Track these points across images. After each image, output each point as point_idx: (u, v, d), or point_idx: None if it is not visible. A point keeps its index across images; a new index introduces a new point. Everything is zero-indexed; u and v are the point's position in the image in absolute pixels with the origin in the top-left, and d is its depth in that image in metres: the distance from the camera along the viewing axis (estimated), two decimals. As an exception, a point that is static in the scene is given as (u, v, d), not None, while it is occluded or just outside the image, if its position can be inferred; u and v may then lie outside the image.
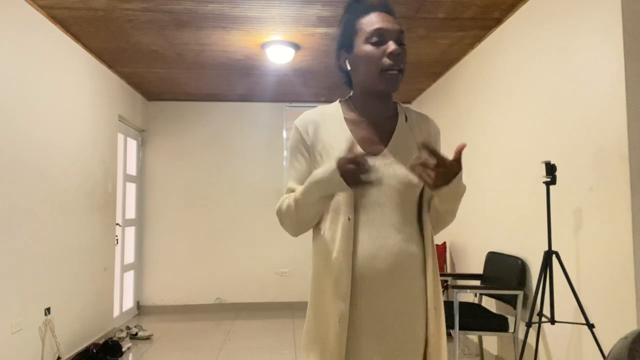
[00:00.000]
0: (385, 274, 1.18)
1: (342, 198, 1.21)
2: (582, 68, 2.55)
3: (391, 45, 1.19)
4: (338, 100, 1.35)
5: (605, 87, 2.36)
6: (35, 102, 3.18)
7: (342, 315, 1.16)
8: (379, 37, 1.20)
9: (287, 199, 1.26)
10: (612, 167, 2.31)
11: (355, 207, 1.21)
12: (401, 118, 1.31)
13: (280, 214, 1.29)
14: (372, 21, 1.22)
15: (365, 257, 1.18)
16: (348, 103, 1.33)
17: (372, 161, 1.23)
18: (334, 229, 1.21)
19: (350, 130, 1.27)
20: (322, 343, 1.20)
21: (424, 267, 1.23)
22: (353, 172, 1.08)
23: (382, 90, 1.23)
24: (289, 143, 1.33)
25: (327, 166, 1.13)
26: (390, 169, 1.22)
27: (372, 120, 1.29)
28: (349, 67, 1.28)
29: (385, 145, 1.25)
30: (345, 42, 1.27)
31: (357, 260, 1.18)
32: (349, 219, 1.18)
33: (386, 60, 1.19)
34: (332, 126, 1.27)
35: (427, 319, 1.22)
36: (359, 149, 1.21)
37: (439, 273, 1.25)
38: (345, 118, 1.29)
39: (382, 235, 1.19)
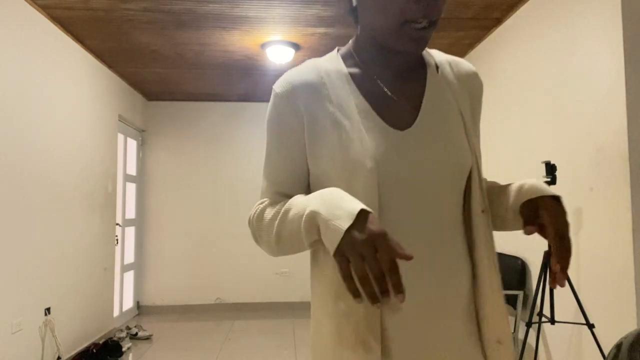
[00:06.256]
0: (422, 310, 0.81)
1: (361, 186, 0.78)
2: (582, 68, 2.55)
3: None
4: (336, 49, 0.92)
5: (605, 87, 2.36)
6: (35, 102, 3.18)
7: None
8: None
9: (272, 210, 0.84)
10: (612, 167, 2.31)
11: (380, 209, 0.79)
12: (431, 70, 0.89)
13: (254, 225, 0.87)
14: None
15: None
16: (352, 52, 0.89)
17: (400, 138, 0.81)
18: None
19: (363, 95, 0.84)
20: None
21: (471, 289, 0.86)
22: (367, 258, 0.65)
23: (400, 51, 0.82)
24: (268, 120, 0.89)
25: (354, 203, 0.70)
26: (426, 151, 0.81)
27: (390, 77, 0.87)
28: (354, 3, 0.84)
29: (415, 115, 0.84)
30: None
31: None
32: None
33: (412, 7, 0.75)
34: (334, 89, 0.84)
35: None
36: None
37: (503, 296, 0.86)
38: (351, 75, 0.86)
39: (416, 253, 0.79)
